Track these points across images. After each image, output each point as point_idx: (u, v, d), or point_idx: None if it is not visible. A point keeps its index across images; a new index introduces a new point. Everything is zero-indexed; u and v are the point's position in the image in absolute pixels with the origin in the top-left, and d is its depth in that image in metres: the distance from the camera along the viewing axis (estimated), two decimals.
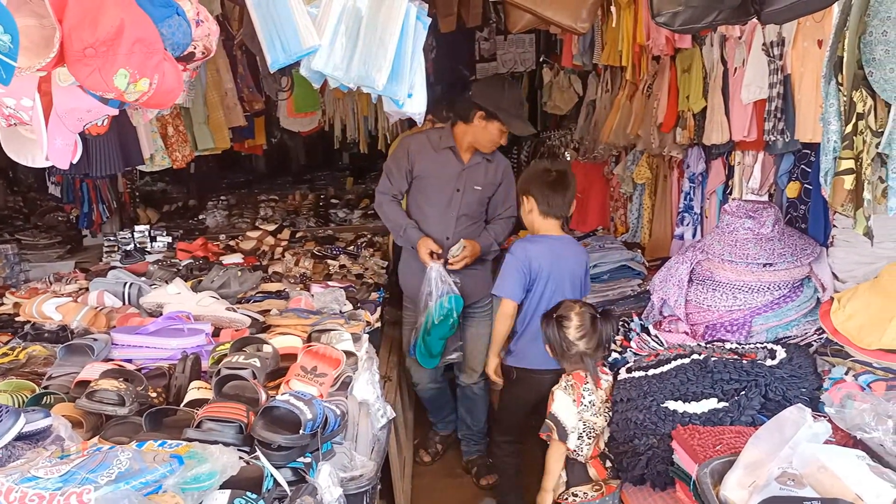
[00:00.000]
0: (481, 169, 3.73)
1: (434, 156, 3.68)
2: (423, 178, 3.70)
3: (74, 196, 5.97)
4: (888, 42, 1.99)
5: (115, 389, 2.12)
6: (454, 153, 3.67)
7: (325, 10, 2.32)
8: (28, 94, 1.72)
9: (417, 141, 3.75)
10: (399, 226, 3.71)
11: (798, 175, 3.01)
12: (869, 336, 2.19)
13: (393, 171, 3.75)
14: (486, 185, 3.75)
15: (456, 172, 3.68)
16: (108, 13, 1.69)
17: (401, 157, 3.73)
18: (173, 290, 3.23)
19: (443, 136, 3.70)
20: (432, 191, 3.71)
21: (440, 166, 3.67)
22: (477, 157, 3.71)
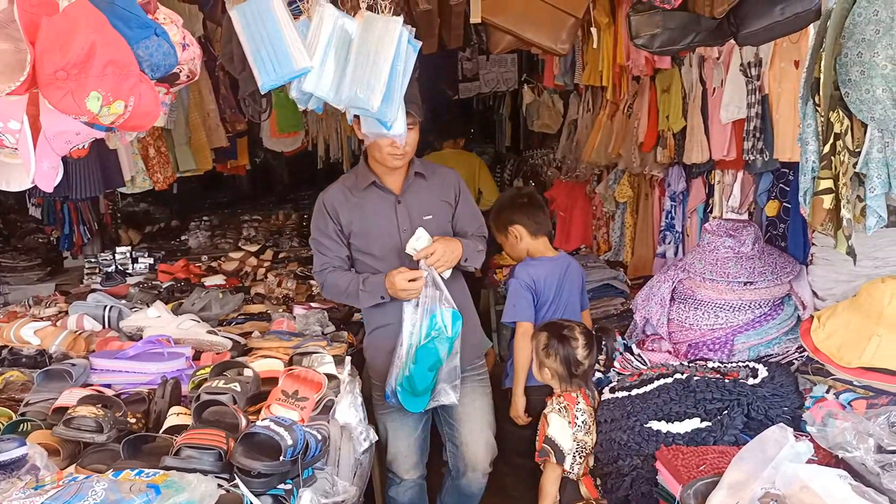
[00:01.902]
0: (422, 191, 2.91)
1: (357, 201, 2.86)
2: (359, 235, 2.86)
3: (55, 217, 5.93)
4: (863, 63, 2.02)
5: (93, 416, 2.09)
6: (378, 186, 2.86)
7: (316, 32, 2.33)
8: (16, 116, 1.71)
9: (332, 193, 2.91)
10: (353, 284, 2.82)
11: (777, 194, 3.04)
12: (849, 354, 2.20)
13: (320, 241, 2.90)
14: (437, 209, 2.91)
15: (391, 208, 2.86)
16: (79, 36, 1.68)
17: (322, 219, 2.89)
18: (154, 314, 3.20)
19: (359, 174, 2.91)
20: (375, 243, 2.85)
21: (371, 210, 2.85)
22: (410, 177, 2.90)
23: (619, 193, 4.61)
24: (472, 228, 2.99)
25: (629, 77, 4.09)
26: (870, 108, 2.01)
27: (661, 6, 2.10)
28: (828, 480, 1.66)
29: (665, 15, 2.26)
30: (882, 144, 2.02)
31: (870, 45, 2.00)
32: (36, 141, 1.76)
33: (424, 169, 2.93)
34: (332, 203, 2.86)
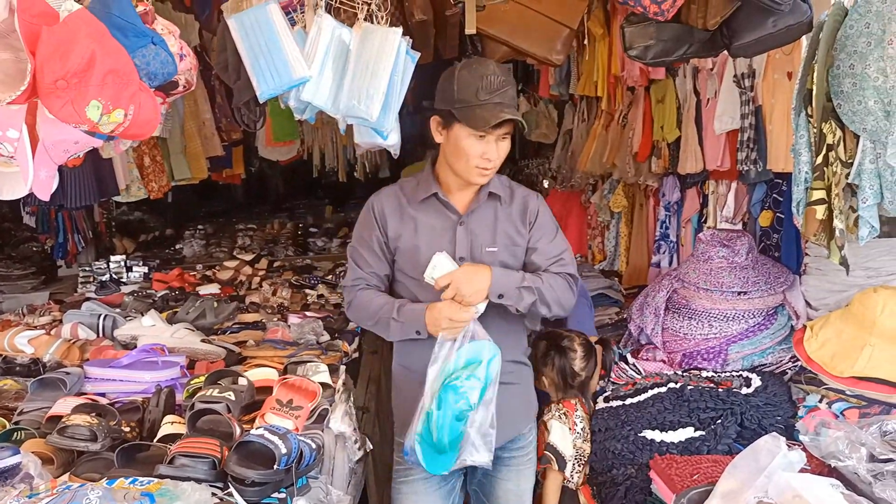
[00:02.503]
0: (492, 215, 2.29)
1: (413, 213, 2.30)
2: (406, 253, 2.29)
3: (49, 226, 5.92)
4: (855, 75, 2.04)
5: (87, 425, 2.09)
6: (441, 201, 2.28)
7: (314, 41, 2.35)
8: (15, 125, 1.72)
9: (386, 197, 2.36)
10: (386, 309, 2.26)
11: (770, 204, 3.06)
12: (841, 364, 2.21)
13: (360, 251, 2.35)
14: (505, 241, 2.29)
15: (450, 229, 2.27)
16: (79, 45, 1.69)
17: (367, 225, 2.35)
18: (148, 322, 3.20)
19: (421, 182, 2.33)
20: (423, 264, 2.19)
21: (425, 226, 2.28)
22: (482, 197, 2.28)
23: (613, 203, 4.63)
24: (546, 261, 2.30)
25: (624, 87, 4.12)
26: (862, 120, 2.04)
27: (655, 18, 2.11)
28: (820, 489, 1.67)
29: (659, 27, 2.28)
30: (874, 155, 2.04)
31: (862, 57, 2.02)
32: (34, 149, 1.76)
33: (501, 189, 2.32)
34: (382, 209, 2.32)
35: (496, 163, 2.18)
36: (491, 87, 2.09)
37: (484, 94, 2.08)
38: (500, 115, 2.07)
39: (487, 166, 2.16)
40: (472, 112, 2.09)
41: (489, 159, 2.15)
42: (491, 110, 2.08)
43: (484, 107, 2.08)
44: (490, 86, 2.09)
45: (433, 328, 2.14)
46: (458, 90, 2.11)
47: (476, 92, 2.09)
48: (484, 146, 2.13)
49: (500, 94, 2.10)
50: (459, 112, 2.11)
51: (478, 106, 2.08)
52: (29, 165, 1.72)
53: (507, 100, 2.11)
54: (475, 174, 2.18)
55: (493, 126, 2.07)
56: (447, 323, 2.10)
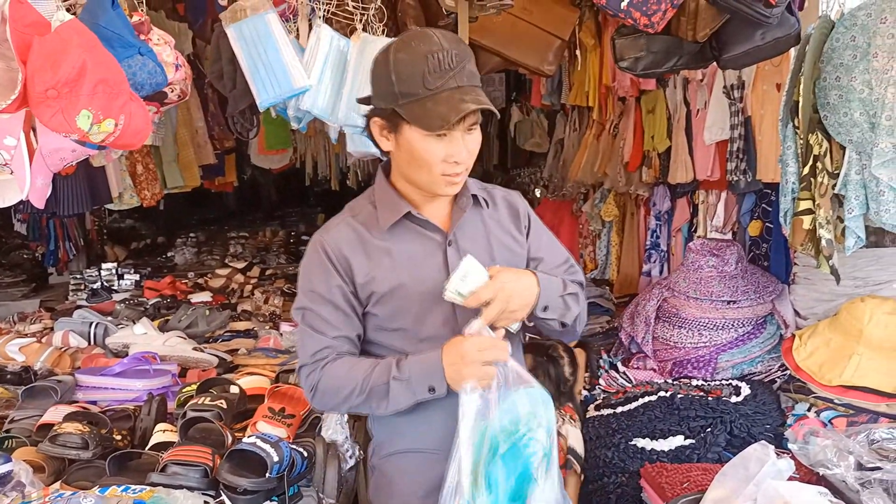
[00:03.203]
0: (478, 227, 1.80)
1: (382, 244, 1.72)
2: (385, 300, 1.70)
3: (40, 233, 5.90)
4: (841, 87, 2.07)
5: (78, 433, 2.09)
6: (417, 221, 1.74)
7: (313, 51, 2.37)
8: (13, 133, 1.73)
9: (337, 233, 1.74)
10: (379, 373, 1.65)
11: (759, 214, 3.08)
12: (829, 373, 2.23)
13: (316, 311, 1.71)
14: (504, 251, 1.80)
15: (436, 253, 1.74)
16: (70, 55, 1.70)
17: (321, 275, 1.71)
18: (140, 330, 3.19)
19: (381, 202, 1.76)
20: (410, 313, 1.71)
21: (404, 258, 1.72)
22: (464, 205, 1.77)
23: (605, 212, 4.65)
24: (557, 268, 1.84)
25: (615, 98, 4.14)
26: (848, 131, 2.06)
27: (645, 30, 2.14)
28: (809, 497, 1.68)
29: (649, 39, 2.30)
30: (860, 166, 2.07)
31: (847, 69, 2.05)
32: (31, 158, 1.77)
33: (480, 190, 1.83)
34: (338, 249, 1.69)
35: (468, 162, 1.64)
36: (441, 66, 1.54)
37: (434, 80, 1.53)
38: (462, 108, 1.53)
39: (457, 171, 1.62)
40: (423, 107, 1.54)
41: (457, 162, 1.61)
42: (447, 101, 1.53)
43: (437, 97, 1.54)
44: (440, 65, 1.54)
45: (456, 376, 1.54)
46: (399, 81, 1.55)
47: (422, 79, 1.53)
48: (447, 146, 1.59)
49: (456, 74, 1.55)
50: (406, 110, 1.56)
51: (428, 98, 1.54)
52: (26, 173, 1.73)
53: (467, 79, 1.56)
54: (442, 184, 1.65)
55: (455, 121, 1.54)
56: (478, 366, 1.52)
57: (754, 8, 1.97)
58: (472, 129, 1.62)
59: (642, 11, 2.08)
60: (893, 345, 2.22)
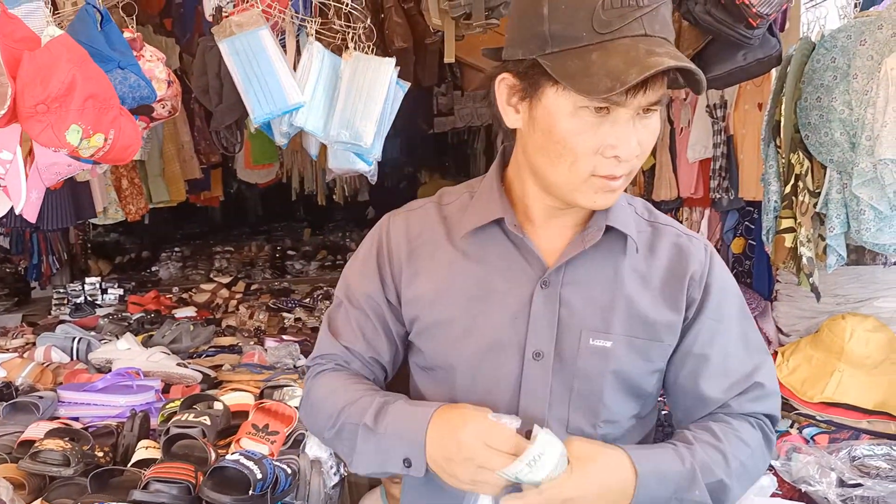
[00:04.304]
0: (604, 273, 1.20)
1: (453, 253, 1.24)
2: (428, 327, 1.25)
3: (23, 247, 5.85)
4: (822, 108, 2.10)
5: (59, 449, 2.07)
6: (511, 236, 1.21)
7: (306, 68, 2.39)
8: (9, 147, 1.73)
9: (411, 222, 1.30)
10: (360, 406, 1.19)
11: (742, 231, 3.12)
12: (811, 389, 2.25)
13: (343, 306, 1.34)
14: (633, 326, 1.18)
15: (521, 294, 1.19)
16: (60, 70, 1.71)
17: (365, 266, 1.32)
18: (123, 346, 3.17)
19: (478, 196, 1.27)
20: (458, 354, 1.22)
21: (475, 283, 1.22)
22: (592, 236, 1.18)
23: None
24: (722, 388, 1.21)
25: None
26: (829, 151, 2.09)
27: None
28: None
29: None
30: (840, 185, 2.10)
31: (828, 90, 2.08)
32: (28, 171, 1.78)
33: (634, 221, 1.24)
34: (399, 244, 1.28)
35: (634, 162, 1.08)
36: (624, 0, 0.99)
37: (610, 19, 0.98)
38: (649, 62, 0.96)
39: (616, 172, 1.07)
40: (584, 60, 0.99)
41: (619, 157, 1.05)
42: (626, 52, 0.98)
43: (609, 46, 0.99)
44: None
45: (444, 470, 1.07)
46: (553, 15, 1.01)
47: (591, 15, 0.98)
48: (610, 129, 1.04)
49: (646, 16, 1.00)
50: (557, 62, 1.01)
51: (596, 47, 0.99)
52: (22, 187, 1.73)
53: (660, 27, 1.01)
54: (590, 188, 1.08)
55: (632, 87, 0.97)
56: (475, 469, 1.03)
57: (736, 29, 2.00)
58: (652, 110, 1.07)
59: None
60: (874, 362, 2.24)
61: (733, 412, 1.21)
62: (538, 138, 1.09)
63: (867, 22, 2.03)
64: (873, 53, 1.98)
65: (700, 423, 1.21)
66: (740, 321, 1.23)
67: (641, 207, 1.27)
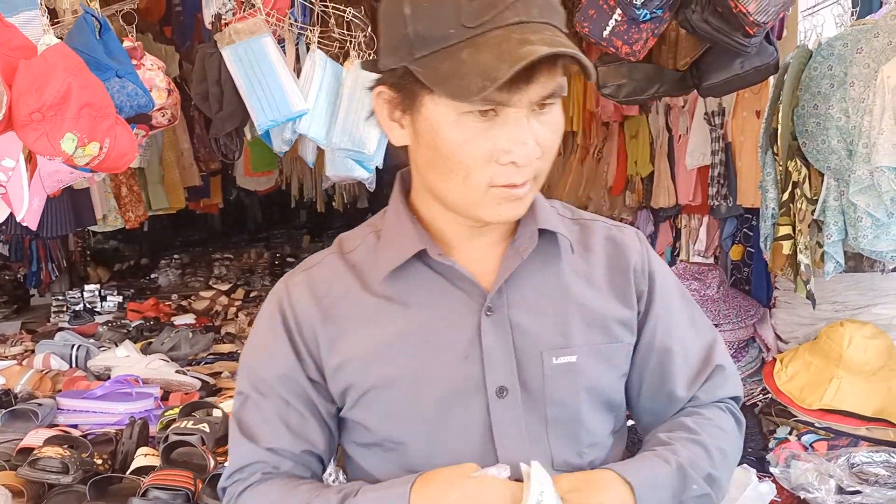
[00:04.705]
0: (549, 283, 1.07)
1: (379, 304, 1.05)
2: (366, 393, 1.04)
3: (23, 254, 5.85)
4: (819, 115, 2.11)
5: (58, 457, 2.07)
6: (437, 267, 1.05)
7: (308, 76, 2.40)
8: (12, 154, 1.74)
9: (311, 284, 1.09)
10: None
11: (741, 238, 3.12)
12: (810, 396, 2.25)
13: (254, 402, 1.09)
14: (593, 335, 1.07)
15: (466, 327, 1.04)
16: (55, 78, 1.72)
17: (269, 349, 1.09)
18: (122, 353, 3.17)
19: (389, 232, 1.07)
20: (413, 415, 1.04)
21: (411, 326, 1.04)
22: (525, 244, 1.05)
23: None
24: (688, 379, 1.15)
25: (599, 122, 4.20)
26: (826, 158, 2.10)
27: (627, 58, 2.17)
28: None
29: (631, 67, 2.34)
30: (838, 193, 2.11)
31: (825, 98, 2.09)
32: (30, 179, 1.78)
33: (562, 221, 1.13)
34: (304, 311, 1.08)
35: (539, 164, 0.95)
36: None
37: (477, 11, 0.86)
38: (522, 53, 0.83)
39: (516, 179, 0.94)
40: (454, 60, 0.87)
41: (516, 161, 0.92)
42: (498, 44, 0.85)
43: (480, 41, 0.86)
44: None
45: None
46: (416, 15, 0.89)
47: (456, 9, 0.86)
48: (500, 132, 0.91)
49: (518, 1, 0.87)
50: (426, 66, 0.90)
51: (466, 43, 0.87)
52: (25, 194, 1.74)
53: (538, 11, 0.88)
54: (492, 201, 0.96)
55: (510, 83, 0.85)
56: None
57: (733, 38, 2.01)
58: (548, 104, 0.92)
59: (624, 40, 2.12)
60: (873, 369, 2.25)
61: (702, 402, 1.15)
62: (426, 154, 0.98)
63: (863, 30, 2.04)
64: (870, 62, 1.99)
65: (670, 422, 1.14)
66: (685, 304, 1.18)
67: (562, 207, 1.17)
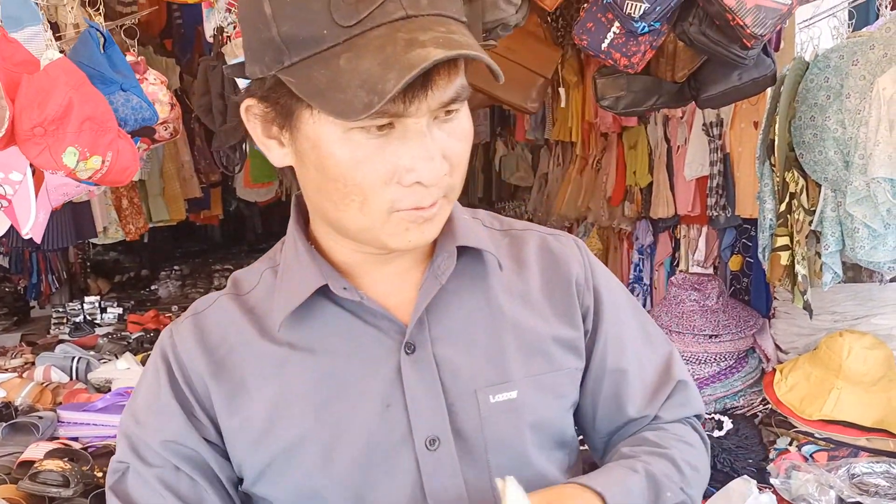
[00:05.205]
0: (477, 308, 0.91)
1: (280, 351, 0.87)
2: (273, 461, 0.86)
3: (23, 266, 5.87)
4: (816, 126, 2.12)
5: (59, 470, 2.07)
6: (343, 302, 0.87)
7: None
8: (18, 168, 1.75)
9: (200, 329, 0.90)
10: None
11: (740, 249, 3.13)
12: (810, 407, 2.25)
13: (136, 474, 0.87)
14: (535, 363, 0.91)
15: (384, 372, 0.86)
16: (57, 93, 1.73)
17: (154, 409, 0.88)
18: (122, 366, 3.18)
19: (288, 267, 0.90)
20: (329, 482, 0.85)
21: (319, 376, 0.86)
22: (443, 265, 0.88)
23: (588, 246, 4.69)
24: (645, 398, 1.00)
25: (597, 133, 4.21)
26: (823, 169, 2.11)
27: (625, 70, 2.19)
28: None
29: (629, 79, 2.35)
30: (835, 204, 2.11)
31: (822, 109, 2.10)
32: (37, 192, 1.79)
33: (487, 235, 0.97)
34: (191, 362, 0.88)
35: (448, 182, 0.80)
36: None
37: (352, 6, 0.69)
38: (410, 59, 0.67)
39: (422, 201, 0.78)
40: (330, 68, 0.70)
41: (422, 181, 0.76)
42: (382, 47, 0.68)
43: (359, 42, 0.69)
44: None
45: None
46: (280, 13, 0.71)
47: (328, 3, 0.69)
48: (402, 148, 0.75)
49: None
50: (300, 75, 0.72)
51: (343, 46, 0.70)
52: (32, 207, 1.75)
53: (426, 2, 0.71)
54: (398, 227, 0.79)
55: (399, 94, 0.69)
56: None
57: (731, 50, 2.03)
58: (452, 110, 0.77)
59: (622, 52, 2.13)
60: (872, 379, 2.25)
61: (665, 421, 1.00)
62: (313, 177, 0.79)
63: (859, 42, 2.06)
64: (865, 73, 2.00)
65: (632, 438, 0.99)
66: (636, 316, 1.02)
67: (488, 218, 1.01)
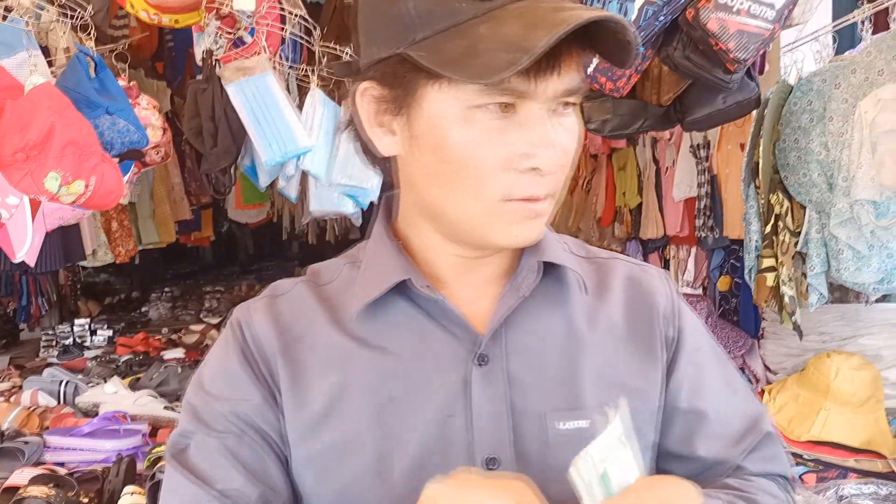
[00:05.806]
0: (554, 327, 0.85)
1: (349, 344, 0.83)
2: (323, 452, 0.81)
3: (13, 289, 5.84)
4: (800, 149, 2.14)
5: (44, 496, 2.05)
6: (423, 303, 0.83)
7: (311, 113, 2.45)
8: (15, 192, 1.74)
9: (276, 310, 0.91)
10: None
11: (728, 269, 3.14)
12: (798, 428, 2.25)
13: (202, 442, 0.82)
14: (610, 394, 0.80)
15: (455, 376, 0.80)
16: (39, 118, 1.74)
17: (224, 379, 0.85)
18: (110, 389, 3.16)
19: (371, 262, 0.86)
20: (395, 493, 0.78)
21: (383, 376, 0.81)
22: (526, 280, 0.83)
23: None
24: (724, 446, 0.90)
25: (587, 154, 4.24)
26: (807, 191, 2.13)
27: (611, 94, 2.21)
28: None
29: (615, 102, 2.37)
30: (820, 225, 2.13)
31: (805, 132, 2.13)
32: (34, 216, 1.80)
33: (572, 257, 0.91)
34: (267, 337, 0.87)
35: (560, 178, 0.77)
36: None
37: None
38: (562, 18, 0.64)
39: (538, 191, 0.75)
40: (467, 38, 0.67)
41: (540, 168, 0.73)
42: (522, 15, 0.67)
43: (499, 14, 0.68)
44: None
45: None
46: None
47: None
48: (522, 132, 0.72)
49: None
50: (431, 49, 0.69)
51: (483, 18, 0.68)
52: (28, 232, 1.75)
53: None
54: (506, 219, 0.76)
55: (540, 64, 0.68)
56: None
57: (714, 74, 2.05)
58: (570, 104, 0.75)
59: (608, 77, 2.15)
60: (860, 400, 2.25)
61: (748, 473, 0.90)
62: (426, 162, 0.75)
63: (841, 66, 2.08)
64: (847, 97, 2.02)
65: (711, 484, 0.87)
66: (719, 363, 0.95)
67: (575, 245, 0.95)
